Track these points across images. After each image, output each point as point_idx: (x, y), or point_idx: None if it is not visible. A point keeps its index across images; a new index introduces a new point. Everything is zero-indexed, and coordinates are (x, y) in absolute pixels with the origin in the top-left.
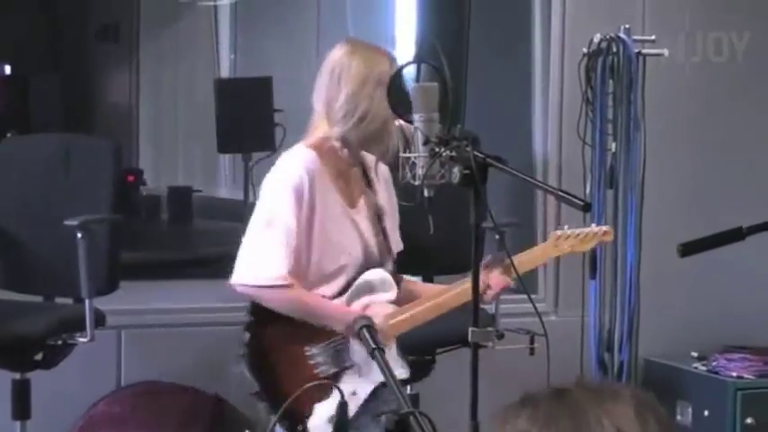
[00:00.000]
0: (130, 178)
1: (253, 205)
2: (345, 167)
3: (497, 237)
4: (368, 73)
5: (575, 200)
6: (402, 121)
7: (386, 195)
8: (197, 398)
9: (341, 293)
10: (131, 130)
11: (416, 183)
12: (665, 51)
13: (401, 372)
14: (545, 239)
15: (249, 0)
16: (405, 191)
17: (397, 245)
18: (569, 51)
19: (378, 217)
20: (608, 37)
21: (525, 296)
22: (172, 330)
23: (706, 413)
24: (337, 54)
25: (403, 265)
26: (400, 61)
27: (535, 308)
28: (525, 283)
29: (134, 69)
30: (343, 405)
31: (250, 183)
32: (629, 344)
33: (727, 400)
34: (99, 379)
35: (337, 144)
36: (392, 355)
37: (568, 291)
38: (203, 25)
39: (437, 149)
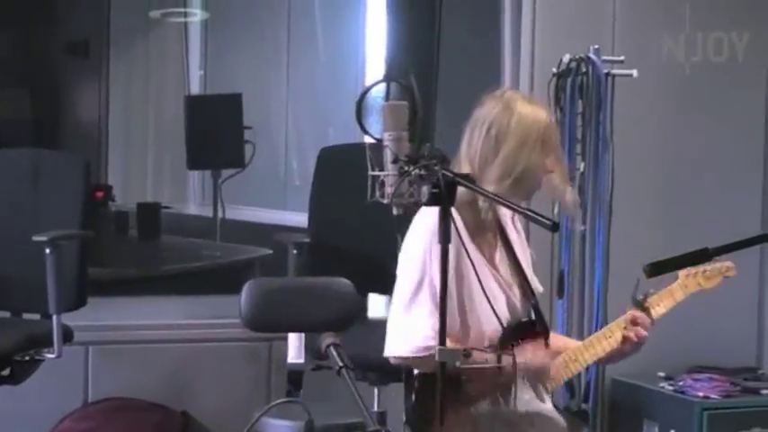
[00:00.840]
0: (99, 194)
1: (223, 222)
2: (487, 226)
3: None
4: (528, 132)
5: (544, 220)
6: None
7: (521, 245)
8: (165, 414)
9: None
10: (100, 146)
11: (385, 201)
12: (634, 72)
13: (556, 428)
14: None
15: (219, 17)
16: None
17: (537, 290)
18: (539, 71)
19: (518, 268)
20: (577, 57)
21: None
22: (140, 347)
23: None
24: (493, 110)
25: (371, 284)
26: (370, 80)
27: (502, 324)
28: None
29: (104, 85)
30: None
31: (219, 199)
32: (597, 363)
33: (693, 419)
34: (66, 395)
35: (486, 205)
36: (548, 408)
37: None
38: (173, 41)
39: (406, 168)
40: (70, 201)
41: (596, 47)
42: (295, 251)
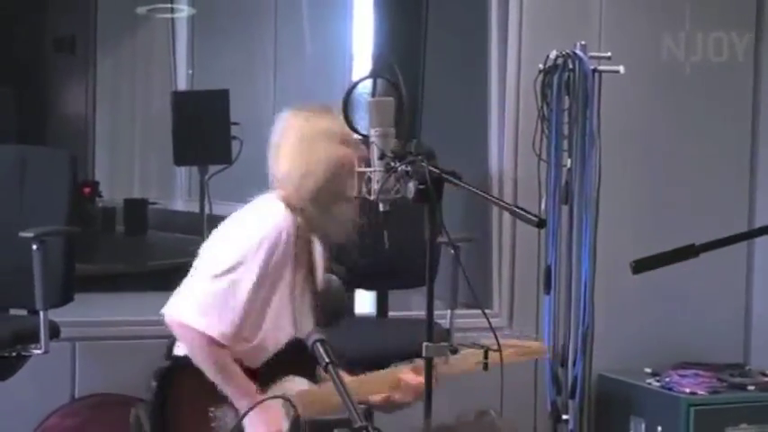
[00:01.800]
0: (86, 190)
1: (210, 218)
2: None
3: (452, 252)
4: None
5: (530, 216)
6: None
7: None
8: None
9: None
10: (87, 142)
11: (372, 197)
12: (621, 68)
13: None
14: (500, 255)
15: (206, 13)
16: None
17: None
18: (526, 67)
19: (314, 293)
20: (564, 53)
21: (480, 311)
22: (127, 342)
23: (659, 429)
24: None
25: (358, 280)
26: (356, 76)
27: (489, 323)
28: (479, 298)
29: (91, 81)
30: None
31: (206, 195)
32: (583, 359)
33: (679, 415)
34: (53, 391)
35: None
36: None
37: (523, 306)
38: (160, 37)
39: (392, 164)
40: (57, 197)
41: (583, 43)
42: None
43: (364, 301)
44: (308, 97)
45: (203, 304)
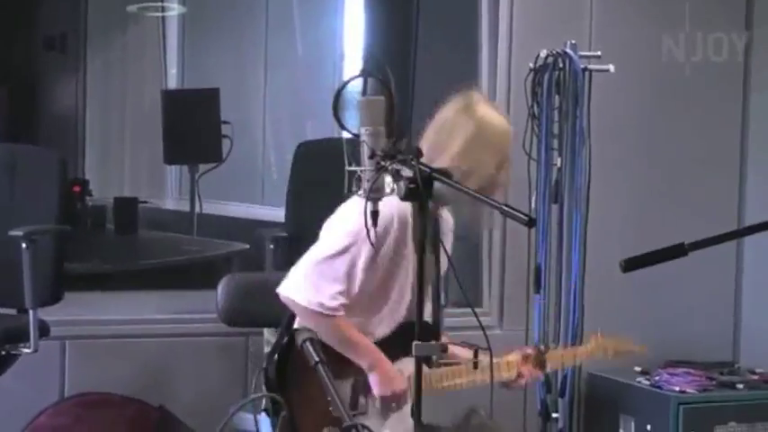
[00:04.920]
0: (76, 189)
1: (200, 217)
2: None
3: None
4: (481, 133)
5: (519, 215)
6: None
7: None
8: (142, 409)
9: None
10: (77, 141)
11: (362, 196)
12: (611, 67)
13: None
14: (490, 254)
15: (197, 12)
16: None
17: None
18: (516, 66)
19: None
20: (554, 52)
21: (470, 310)
22: (117, 341)
23: (648, 427)
24: (452, 109)
25: None
26: (347, 75)
27: (479, 322)
28: (469, 297)
29: (81, 79)
30: None
31: (197, 194)
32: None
33: (669, 414)
34: (42, 390)
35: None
36: (405, 412)
37: (513, 305)
38: (151, 36)
39: (383, 163)
40: (46, 195)
41: (573, 42)
42: (272, 246)
43: None
44: (299, 96)
45: (310, 281)
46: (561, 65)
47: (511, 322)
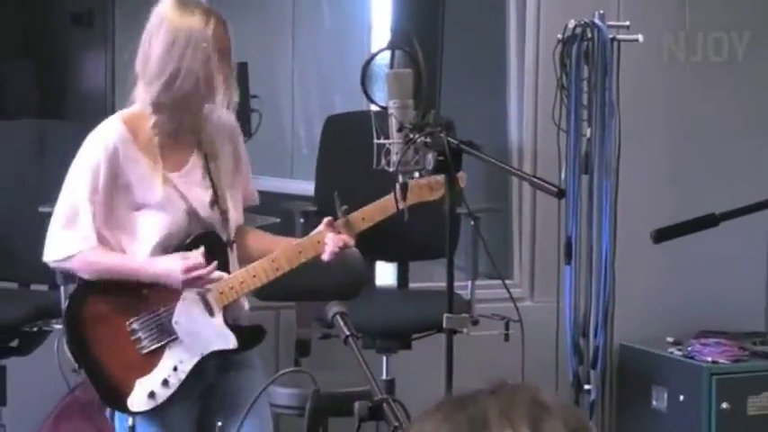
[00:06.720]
0: None
1: None
2: (163, 134)
3: (472, 222)
4: (177, 32)
5: (549, 186)
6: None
7: (228, 152)
8: None
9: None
10: (106, 116)
11: (390, 169)
12: (640, 37)
13: (224, 342)
14: (520, 226)
15: None
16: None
17: (241, 202)
18: (544, 37)
19: (212, 180)
20: (582, 23)
21: (500, 282)
22: None
23: (681, 398)
24: (153, 14)
25: (378, 252)
26: (375, 48)
27: (510, 294)
28: (500, 269)
29: (109, 55)
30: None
31: None
32: (605, 329)
33: (702, 384)
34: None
35: (148, 111)
36: (217, 323)
37: (544, 276)
38: None
39: (411, 136)
40: None
41: (601, 12)
42: (302, 220)
43: (386, 273)
44: (327, 69)
45: (53, 238)
46: (590, 35)
47: (541, 293)
